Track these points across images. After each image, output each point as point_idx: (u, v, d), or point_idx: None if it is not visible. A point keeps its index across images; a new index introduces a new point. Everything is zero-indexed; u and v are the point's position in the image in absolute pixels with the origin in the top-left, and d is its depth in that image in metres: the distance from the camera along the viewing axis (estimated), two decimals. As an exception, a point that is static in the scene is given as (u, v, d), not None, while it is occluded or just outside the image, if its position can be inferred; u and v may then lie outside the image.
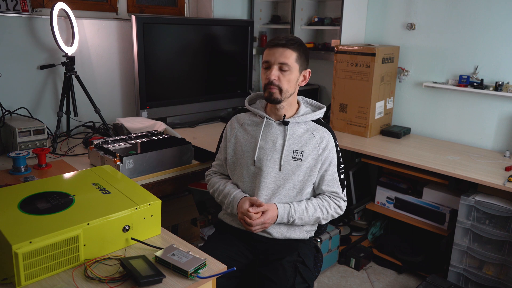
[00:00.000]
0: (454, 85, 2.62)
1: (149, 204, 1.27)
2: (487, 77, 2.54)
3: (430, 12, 2.72)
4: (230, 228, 1.73)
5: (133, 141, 2.00)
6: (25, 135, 2.05)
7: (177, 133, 2.33)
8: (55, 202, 1.24)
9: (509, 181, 2.01)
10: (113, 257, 1.19)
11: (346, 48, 2.70)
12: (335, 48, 2.75)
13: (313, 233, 1.77)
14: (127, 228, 1.23)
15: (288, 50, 1.58)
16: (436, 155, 2.41)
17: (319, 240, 2.52)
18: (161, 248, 1.21)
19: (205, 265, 1.15)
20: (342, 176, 1.72)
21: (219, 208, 1.82)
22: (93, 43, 2.54)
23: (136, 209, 1.24)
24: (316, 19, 3.13)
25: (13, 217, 1.15)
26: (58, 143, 2.23)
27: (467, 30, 2.58)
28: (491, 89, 2.47)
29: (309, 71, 1.68)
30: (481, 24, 2.52)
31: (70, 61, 2.28)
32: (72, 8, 2.30)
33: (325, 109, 1.74)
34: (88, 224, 1.14)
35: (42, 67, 2.33)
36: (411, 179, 2.69)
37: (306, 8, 3.16)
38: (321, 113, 1.72)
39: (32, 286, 1.06)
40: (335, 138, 1.70)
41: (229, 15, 3.18)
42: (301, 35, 3.16)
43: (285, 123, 1.66)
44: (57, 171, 1.84)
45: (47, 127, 2.16)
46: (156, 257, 1.17)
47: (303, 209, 1.62)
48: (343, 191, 1.71)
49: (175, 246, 1.21)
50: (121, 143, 1.97)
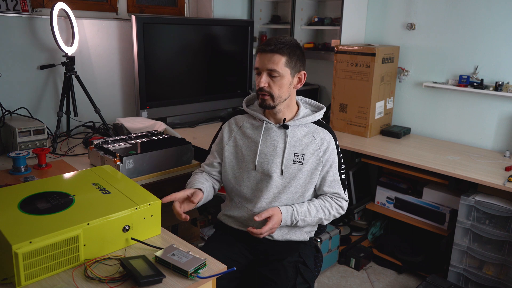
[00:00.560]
0: (454, 85, 2.62)
1: (149, 204, 1.27)
2: (487, 77, 2.54)
3: (430, 12, 2.72)
4: (229, 229, 1.72)
5: (133, 141, 2.00)
6: (25, 135, 2.05)
7: (177, 133, 2.33)
8: (55, 202, 1.24)
9: (509, 181, 2.01)
10: (113, 257, 1.19)
11: (346, 48, 2.70)
12: (335, 48, 2.74)
13: (313, 234, 1.77)
14: (127, 228, 1.23)
15: (276, 55, 1.53)
16: (436, 155, 2.41)
17: (319, 240, 2.52)
18: (161, 248, 1.21)
19: (205, 265, 1.15)
20: (343, 177, 1.71)
21: (219, 208, 1.81)
22: (93, 43, 2.54)
23: (136, 209, 1.24)
24: (316, 19, 3.13)
25: (13, 217, 1.15)
26: (58, 143, 2.23)
27: (467, 30, 2.58)
28: (491, 89, 2.47)
29: (304, 73, 1.62)
30: (481, 24, 2.52)
31: (70, 61, 2.28)
32: (72, 8, 2.30)
33: (324, 109, 1.72)
34: (88, 224, 1.14)
35: (42, 67, 2.33)
36: (411, 179, 2.69)
37: (306, 8, 3.16)
38: (321, 114, 1.71)
39: (32, 286, 1.06)
40: (335, 139, 1.69)
41: (229, 15, 3.18)
42: (301, 35, 3.16)
43: (285, 127, 1.64)
44: (57, 171, 1.84)
45: (47, 127, 2.16)
46: (156, 257, 1.17)
47: (306, 211, 1.61)
48: (344, 192, 1.70)
49: (175, 246, 1.21)
50: (121, 143, 1.97)
